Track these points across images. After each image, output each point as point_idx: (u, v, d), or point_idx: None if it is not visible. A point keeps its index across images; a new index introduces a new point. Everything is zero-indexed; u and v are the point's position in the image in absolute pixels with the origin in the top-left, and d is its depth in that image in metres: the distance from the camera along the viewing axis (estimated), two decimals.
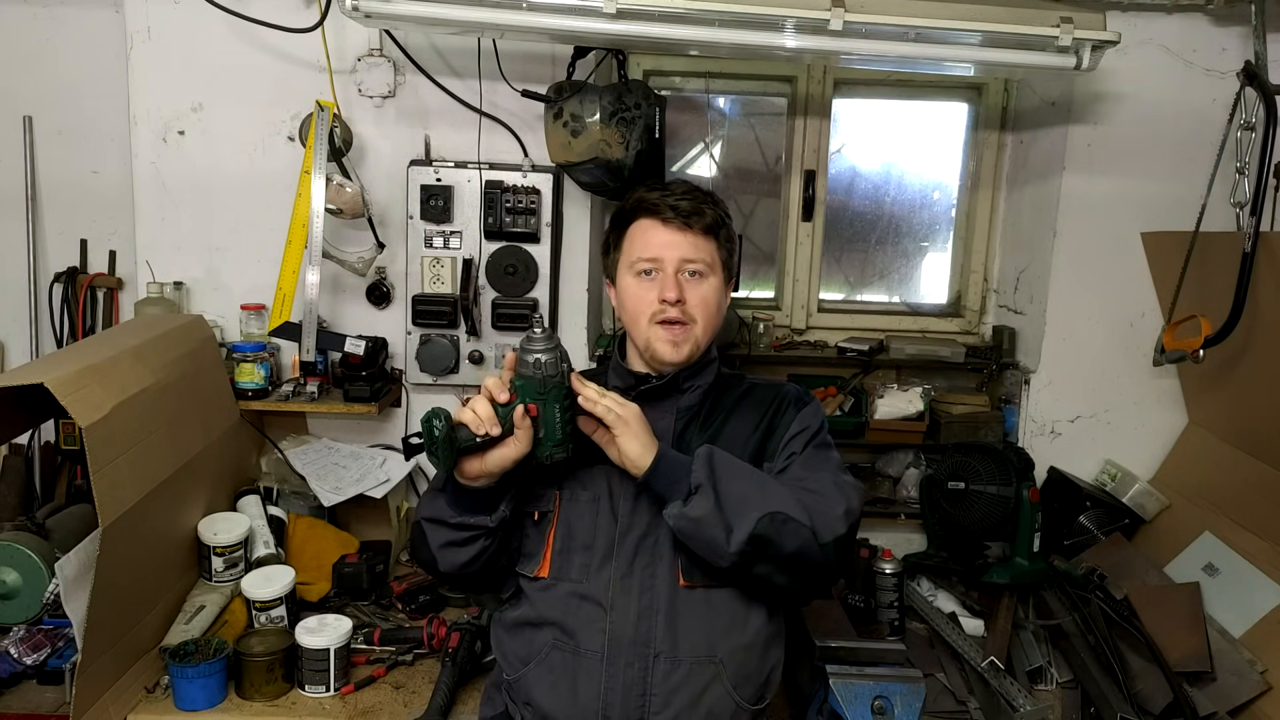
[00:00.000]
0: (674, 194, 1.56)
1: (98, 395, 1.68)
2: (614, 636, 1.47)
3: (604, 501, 1.53)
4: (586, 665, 1.47)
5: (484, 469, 1.41)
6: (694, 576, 1.49)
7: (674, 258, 1.54)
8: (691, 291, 1.54)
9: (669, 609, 1.48)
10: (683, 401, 1.60)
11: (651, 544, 1.51)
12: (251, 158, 2.38)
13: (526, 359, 1.39)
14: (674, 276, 1.54)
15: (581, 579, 1.51)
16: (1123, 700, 1.94)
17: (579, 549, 1.52)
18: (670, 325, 1.54)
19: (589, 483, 1.54)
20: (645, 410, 1.52)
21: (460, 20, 1.96)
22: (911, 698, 1.77)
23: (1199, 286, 2.26)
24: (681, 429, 1.59)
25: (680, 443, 1.56)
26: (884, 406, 2.58)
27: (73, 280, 2.56)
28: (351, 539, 2.31)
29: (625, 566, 1.50)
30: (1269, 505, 2.19)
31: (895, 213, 2.91)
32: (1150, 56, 2.37)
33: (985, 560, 2.41)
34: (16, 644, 1.86)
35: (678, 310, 1.53)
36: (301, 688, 1.85)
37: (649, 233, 1.56)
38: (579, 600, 1.50)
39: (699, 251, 1.55)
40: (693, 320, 1.55)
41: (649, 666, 1.46)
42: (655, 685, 1.46)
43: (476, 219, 2.34)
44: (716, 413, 1.62)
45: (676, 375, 1.58)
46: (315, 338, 2.26)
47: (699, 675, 1.47)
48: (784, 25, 1.96)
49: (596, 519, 1.53)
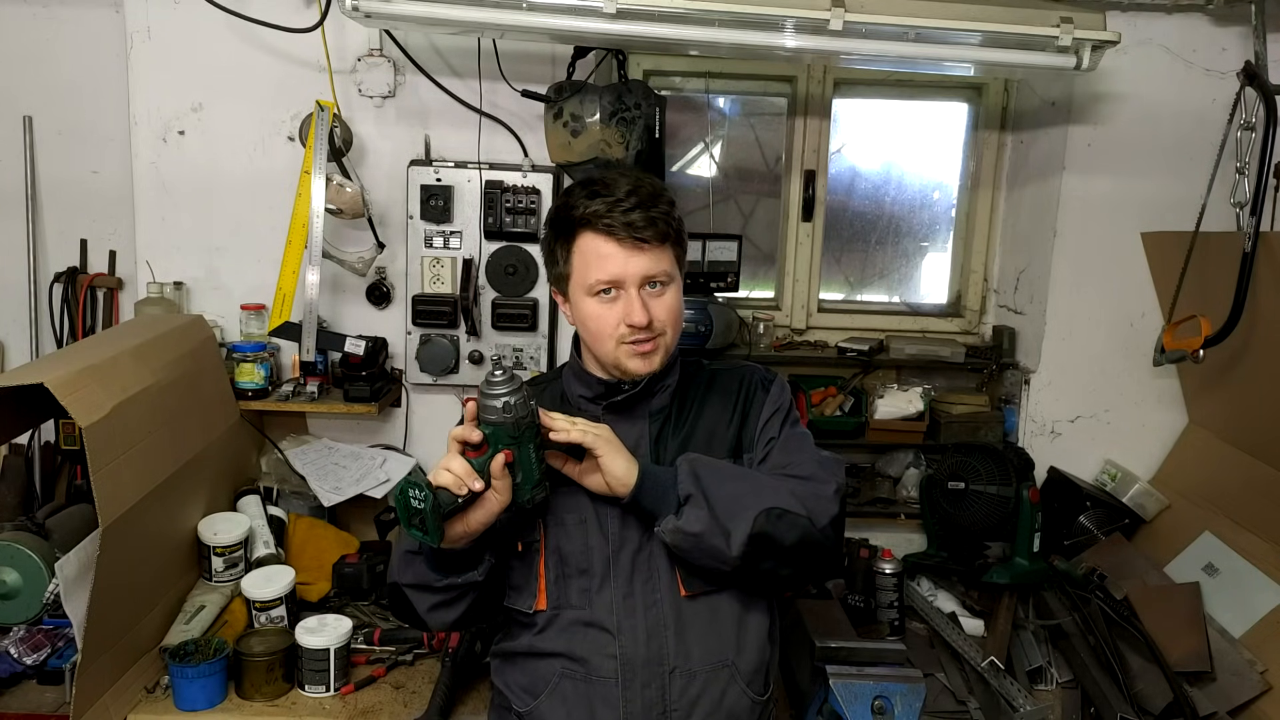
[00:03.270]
0: (623, 204, 1.41)
1: (98, 395, 1.68)
2: (626, 660, 1.43)
3: (591, 522, 1.47)
4: (602, 692, 1.44)
5: (468, 530, 1.33)
6: (694, 585, 1.46)
7: (635, 277, 1.43)
8: (658, 306, 1.45)
9: (677, 622, 1.45)
10: (654, 404, 1.54)
11: (647, 558, 1.46)
12: (251, 158, 2.38)
13: (493, 404, 1.28)
14: (638, 296, 1.43)
15: (584, 605, 1.46)
16: (1123, 700, 1.95)
17: (575, 574, 1.47)
18: (638, 344, 1.45)
19: (572, 505, 1.47)
20: (617, 418, 1.50)
21: (460, 20, 1.96)
22: (911, 698, 1.77)
23: (1199, 286, 2.26)
24: (657, 432, 1.53)
25: (657, 446, 1.51)
26: (884, 406, 2.58)
27: (73, 280, 2.55)
28: (351, 539, 2.31)
29: (625, 586, 1.46)
30: (1269, 505, 2.19)
31: (895, 213, 2.91)
32: (1150, 56, 2.37)
33: (985, 560, 2.41)
34: (16, 644, 1.86)
35: (646, 332, 1.44)
36: (301, 688, 1.85)
37: (603, 252, 1.43)
38: (584, 627, 1.45)
39: (660, 264, 1.44)
40: (662, 333, 1.46)
41: (666, 684, 1.43)
42: (674, 700, 1.43)
43: (476, 219, 2.34)
44: (687, 408, 1.56)
45: (649, 381, 1.50)
46: (315, 338, 2.26)
47: (716, 681, 1.45)
48: (784, 25, 1.96)
49: (587, 541, 1.47)
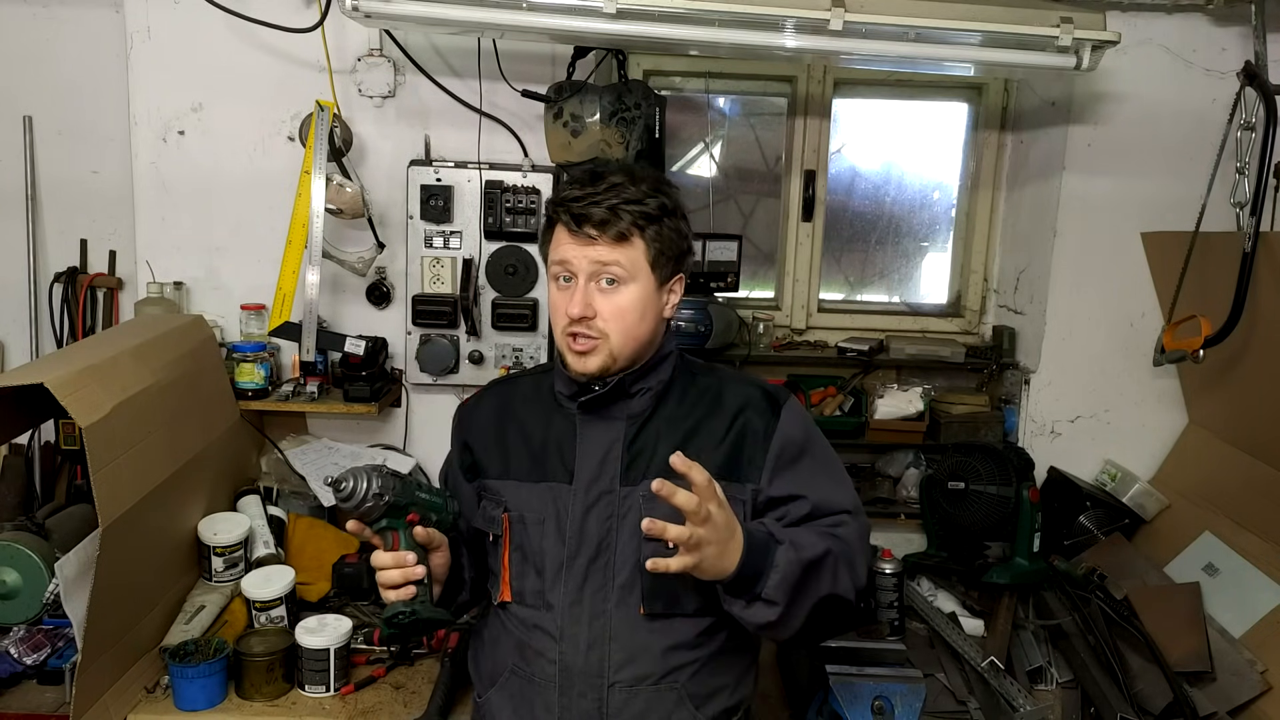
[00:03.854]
0: (591, 196, 1.39)
1: (98, 395, 1.68)
2: (565, 667, 1.41)
3: (550, 523, 1.45)
4: (542, 694, 1.43)
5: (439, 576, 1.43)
6: (656, 607, 1.41)
7: (585, 266, 1.40)
8: (605, 302, 1.40)
9: (626, 637, 1.41)
10: (633, 406, 1.47)
11: (602, 568, 1.42)
12: (251, 158, 2.37)
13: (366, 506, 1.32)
14: (585, 287, 1.40)
15: (537, 605, 1.45)
16: (1123, 700, 1.94)
17: (532, 573, 1.46)
18: (576, 338, 1.42)
19: (535, 504, 1.46)
20: (593, 420, 1.46)
21: (460, 20, 1.96)
22: (911, 698, 1.78)
23: (1199, 286, 2.26)
24: (632, 436, 1.46)
25: (630, 451, 1.45)
26: (884, 406, 2.58)
27: (73, 280, 2.55)
28: (351, 539, 2.30)
29: (574, 593, 1.42)
30: (1269, 505, 2.19)
31: (895, 213, 2.91)
32: (1150, 56, 2.37)
33: (985, 560, 2.41)
34: (16, 644, 1.86)
35: (584, 325, 1.40)
36: (301, 688, 1.85)
37: (561, 239, 1.42)
38: (533, 628, 1.45)
39: (612, 257, 1.39)
40: (603, 335, 1.41)
41: (603, 697, 1.40)
42: (612, 714, 1.40)
43: (476, 219, 2.34)
44: (678, 417, 1.48)
45: (622, 380, 1.45)
46: (315, 338, 2.26)
47: (661, 703, 1.41)
48: (784, 25, 1.96)
49: (543, 542, 1.45)
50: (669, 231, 1.43)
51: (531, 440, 1.50)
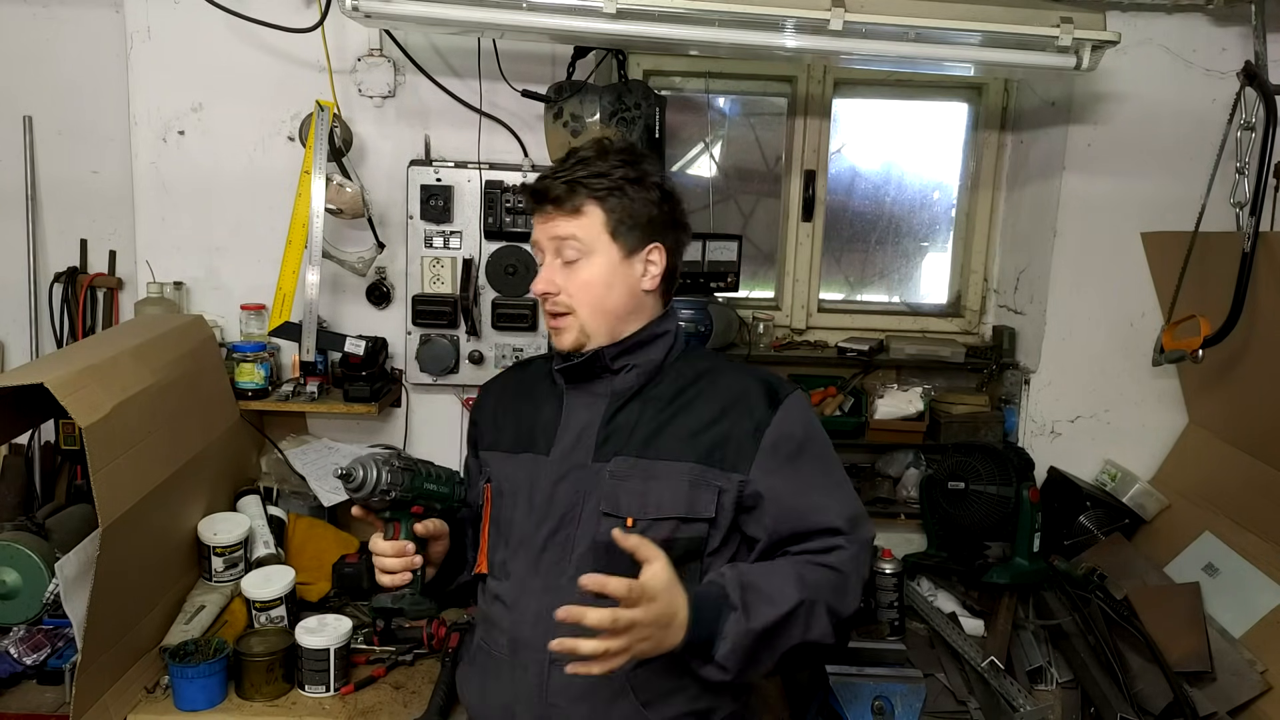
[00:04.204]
0: (554, 173, 1.42)
1: (98, 395, 1.68)
2: (514, 638, 1.40)
3: (522, 495, 1.45)
4: (496, 666, 1.43)
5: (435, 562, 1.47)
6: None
7: (547, 242, 1.43)
8: (569, 278, 1.41)
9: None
10: (617, 384, 1.45)
11: (562, 540, 1.40)
12: (251, 158, 2.38)
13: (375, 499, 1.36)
14: (551, 264, 1.43)
15: (501, 576, 1.45)
16: (1123, 700, 1.94)
17: (502, 544, 1.47)
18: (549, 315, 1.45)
19: (514, 473, 1.47)
20: (579, 394, 1.46)
21: (460, 20, 1.96)
22: (911, 698, 1.78)
23: (1199, 286, 2.26)
24: (612, 414, 1.44)
25: (607, 427, 1.43)
26: (884, 406, 2.58)
27: (73, 280, 2.55)
28: (351, 539, 2.31)
29: (531, 564, 1.41)
30: (1269, 505, 2.19)
31: (895, 213, 2.91)
32: (1150, 56, 2.37)
33: (985, 560, 2.41)
34: (16, 644, 1.86)
35: (550, 302, 1.43)
36: (301, 688, 1.85)
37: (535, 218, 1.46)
38: (493, 599, 1.46)
39: (565, 230, 1.40)
40: (569, 310, 1.42)
41: (544, 672, 1.36)
42: (554, 694, 1.36)
43: (476, 219, 2.34)
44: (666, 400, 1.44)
45: (599, 353, 1.43)
46: (315, 338, 2.26)
47: (604, 689, 1.34)
48: (784, 25, 1.96)
49: (514, 513, 1.45)
50: (634, 200, 1.41)
51: (524, 414, 1.52)
